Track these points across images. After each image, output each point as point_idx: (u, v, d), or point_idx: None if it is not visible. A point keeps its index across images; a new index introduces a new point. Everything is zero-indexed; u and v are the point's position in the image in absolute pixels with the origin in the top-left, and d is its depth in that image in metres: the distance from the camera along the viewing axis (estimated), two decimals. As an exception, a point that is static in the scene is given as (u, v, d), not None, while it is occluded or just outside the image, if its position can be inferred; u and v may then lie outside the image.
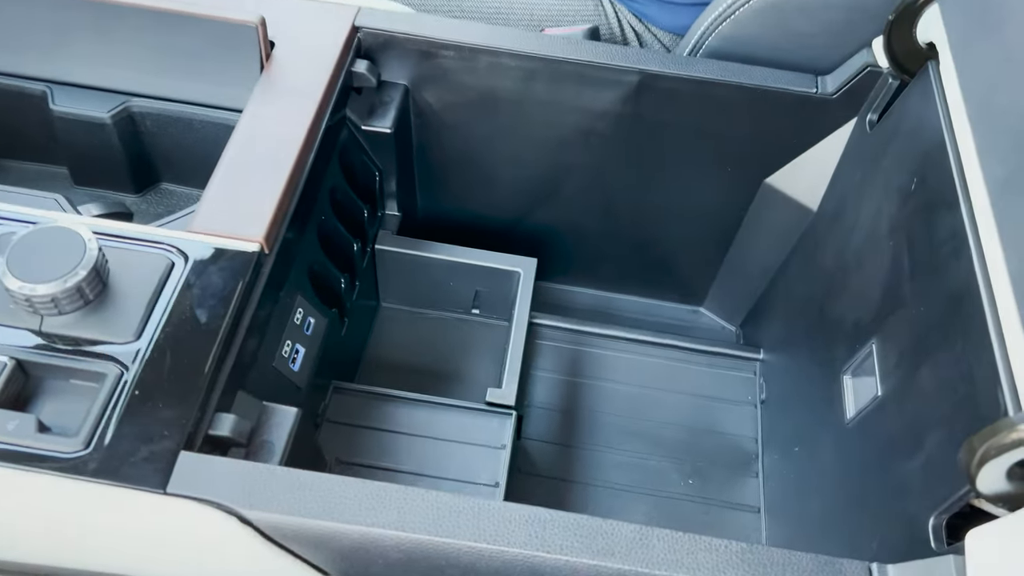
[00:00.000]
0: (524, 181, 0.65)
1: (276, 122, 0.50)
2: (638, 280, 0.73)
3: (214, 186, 0.47)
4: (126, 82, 0.56)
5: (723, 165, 0.62)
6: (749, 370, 0.67)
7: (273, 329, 0.47)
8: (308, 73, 0.53)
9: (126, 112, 0.56)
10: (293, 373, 0.48)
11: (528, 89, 0.59)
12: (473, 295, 0.65)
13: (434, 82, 0.59)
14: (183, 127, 0.57)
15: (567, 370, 0.66)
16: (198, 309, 0.42)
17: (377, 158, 0.60)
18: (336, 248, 0.55)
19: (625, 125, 0.60)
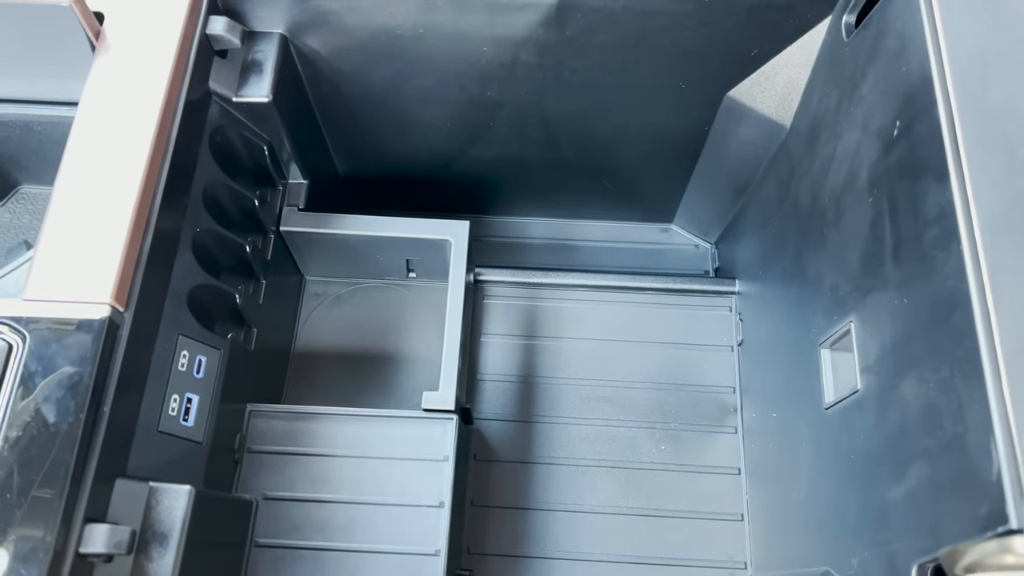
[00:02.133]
0: (447, 123, 0.56)
1: (118, 118, 0.41)
2: (598, 203, 0.65)
3: (47, 231, 0.39)
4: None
5: (675, 81, 0.52)
6: (724, 306, 0.60)
7: (152, 390, 0.40)
8: (150, 45, 0.43)
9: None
10: (188, 429, 0.42)
11: (428, 23, 0.48)
12: (405, 263, 0.57)
13: (315, 28, 0.49)
14: (21, 130, 0.47)
15: (521, 331, 0.59)
16: (46, 404, 0.36)
17: (262, 129, 0.50)
18: (223, 259, 0.47)
19: (553, 51, 0.50)
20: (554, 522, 0.53)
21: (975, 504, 0.29)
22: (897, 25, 0.39)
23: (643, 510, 0.53)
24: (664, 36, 0.48)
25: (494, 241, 0.64)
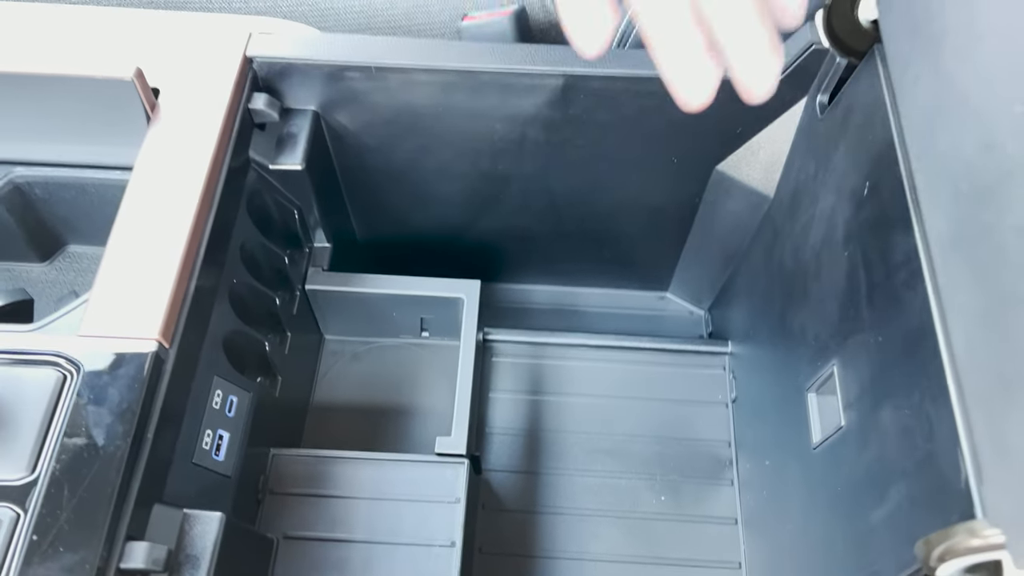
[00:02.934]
0: (461, 194, 0.61)
1: (168, 181, 0.46)
2: (599, 272, 0.70)
3: (102, 277, 0.43)
4: (6, 151, 0.51)
5: (669, 156, 0.57)
6: (718, 366, 0.64)
7: (189, 424, 0.44)
8: (199, 118, 0.48)
9: (10, 184, 0.51)
10: (218, 463, 0.45)
11: (448, 102, 0.54)
12: (419, 321, 0.61)
13: (345, 105, 0.54)
14: (76, 192, 0.52)
15: (528, 388, 0.63)
16: (96, 428, 0.39)
17: (293, 195, 0.55)
18: (255, 309, 0.51)
19: (558, 128, 0.55)
20: (560, 570, 0.55)
21: (948, 512, 0.32)
22: (863, 100, 0.45)
23: (644, 558, 0.55)
24: (658, 115, 0.54)
25: (502, 306, 0.68)
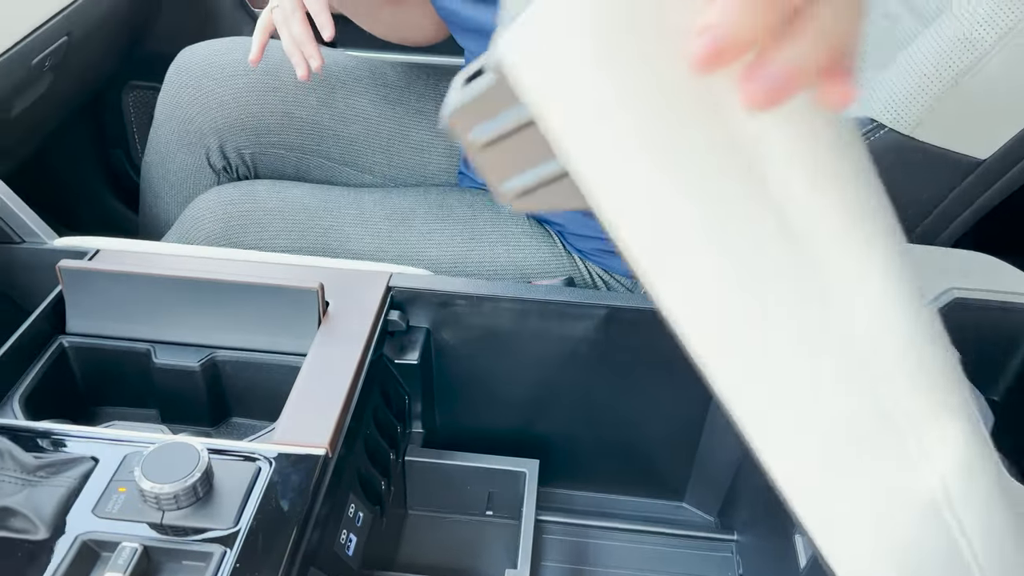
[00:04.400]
0: (523, 398, 0.80)
1: (333, 361, 0.66)
2: (627, 481, 0.86)
3: (289, 408, 0.61)
4: (213, 338, 0.73)
5: (678, 377, 0.77)
6: (727, 550, 0.78)
7: (333, 519, 0.59)
8: (356, 324, 0.70)
9: (212, 361, 0.72)
10: (348, 558, 0.60)
11: (523, 325, 0.76)
12: (487, 497, 0.77)
13: (449, 324, 0.76)
14: (255, 370, 0.72)
15: (572, 561, 0.76)
16: (280, 502, 0.55)
17: (406, 385, 0.75)
18: (378, 457, 0.68)
19: (600, 348, 0.76)
20: None
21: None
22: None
23: None
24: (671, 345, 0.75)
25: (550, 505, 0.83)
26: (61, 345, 0.72)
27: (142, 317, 0.72)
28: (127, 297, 0.72)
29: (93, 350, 0.72)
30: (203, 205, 0.91)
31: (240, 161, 0.97)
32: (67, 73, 1.11)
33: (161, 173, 1.00)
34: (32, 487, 0.55)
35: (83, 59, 1.16)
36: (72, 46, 1.06)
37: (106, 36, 1.24)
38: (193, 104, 0.95)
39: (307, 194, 0.93)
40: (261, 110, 0.95)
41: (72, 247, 0.80)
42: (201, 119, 0.95)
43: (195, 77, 0.96)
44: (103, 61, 1.33)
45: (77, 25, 1.05)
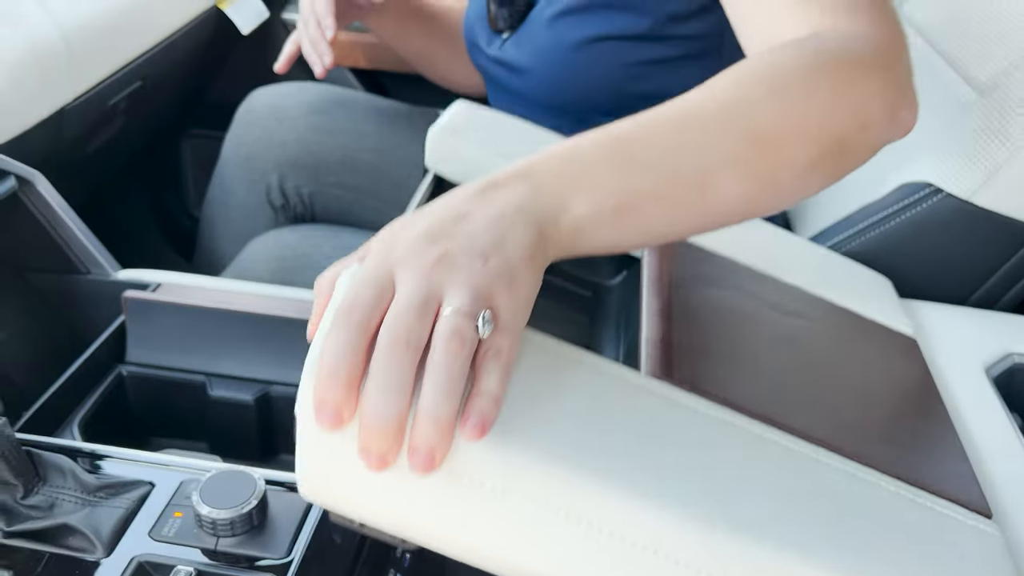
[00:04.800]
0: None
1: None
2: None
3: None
4: (267, 373, 0.74)
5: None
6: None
7: (381, 556, 0.59)
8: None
9: (266, 396, 0.73)
10: (391, 597, 0.60)
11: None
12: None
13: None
14: (307, 406, 0.73)
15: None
16: (332, 535, 0.55)
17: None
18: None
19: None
20: None
21: None
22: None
23: None
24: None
25: None
26: (120, 374, 0.74)
27: (200, 349, 0.74)
28: (186, 329, 0.74)
29: (150, 380, 0.74)
30: (260, 246, 0.94)
31: (298, 199, 1.01)
32: (137, 116, 1.15)
33: (222, 209, 1.04)
34: (92, 507, 0.55)
35: (152, 104, 1.21)
36: (145, 91, 1.11)
37: (175, 83, 1.29)
38: (258, 142, 0.99)
39: (361, 239, 0.94)
40: (321, 150, 0.98)
41: (135, 279, 0.82)
42: (264, 157, 0.99)
43: (261, 117, 1.00)
44: (169, 107, 1.39)
45: (151, 71, 1.10)
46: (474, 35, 0.90)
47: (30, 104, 0.86)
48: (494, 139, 0.64)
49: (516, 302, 0.37)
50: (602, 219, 0.41)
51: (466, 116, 0.68)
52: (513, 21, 0.83)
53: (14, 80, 0.82)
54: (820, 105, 0.47)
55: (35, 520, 0.55)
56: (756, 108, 0.46)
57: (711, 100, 0.46)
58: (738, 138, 0.45)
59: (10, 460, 0.56)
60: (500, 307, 0.37)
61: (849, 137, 0.49)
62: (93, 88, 0.96)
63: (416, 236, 0.37)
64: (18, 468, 0.56)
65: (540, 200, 0.40)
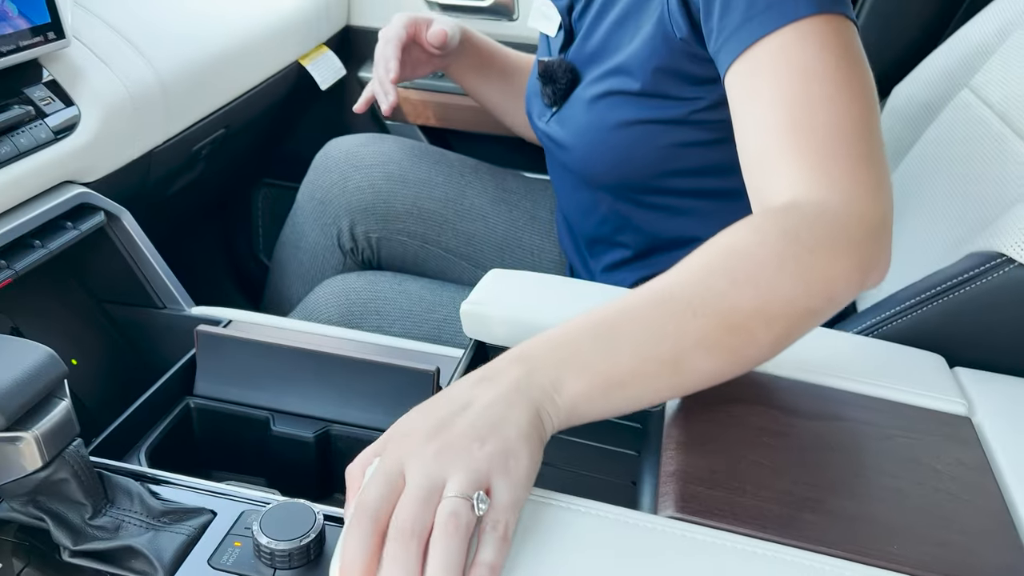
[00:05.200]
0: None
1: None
2: None
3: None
4: (329, 412, 0.75)
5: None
6: None
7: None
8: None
9: (326, 434, 0.74)
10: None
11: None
12: None
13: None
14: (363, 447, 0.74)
15: None
16: (386, 573, 0.56)
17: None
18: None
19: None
20: None
21: None
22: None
23: None
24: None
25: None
26: (188, 405, 0.76)
27: (265, 385, 0.76)
28: (253, 365, 0.76)
29: (216, 412, 0.76)
30: (328, 289, 0.96)
31: (367, 244, 1.04)
32: (217, 163, 1.21)
33: (293, 252, 1.08)
34: (155, 531, 0.57)
35: (232, 151, 1.27)
36: (227, 139, 1.16)
37: (254, 133, 1.35)
38: (333, 187, 1.03)
39: (424, 288, 0.97)
40: (392, 198, 1.02)
41: (208, 316, 0.85)
42: (338, 202, 1.03)
43: (338, 163, 1.04)
44: (247, 156, 1.45)
45: (234, 120, 1.15)
46: (531, 106, 0.93)
47: (124, 145, 0.91)
48: (525, 303, 0.69)
49: (514, 478, 0.43)
50: (593, 396, 0.49)
51: (496, 287, 0.71)
52: (557, 98, 0.86)
53: (112, 122, 0.87)
54: (788, 291, 0.52)
55: (101, 541, 0.57)
56: (727, 296, 0.51)
57: (686, 285, 0.52)
58: (709, 323, 0.51)
59: (82, 480, 0.58)
60: (496, 486, 0.43)
61: (816, 311, 0.55)
62: (181, 133, 1.02)
63: (423, 432, 0.45)
64: (89, 488, 0.58)
65: (536, 382, 0.47)
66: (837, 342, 0.70)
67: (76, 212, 0.82)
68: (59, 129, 0.81)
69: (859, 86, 0.61)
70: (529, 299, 0.70)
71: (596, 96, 0.81)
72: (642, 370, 0.50)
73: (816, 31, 0.62)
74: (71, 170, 0.83)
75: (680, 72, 0.75)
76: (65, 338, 0.85)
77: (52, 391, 0.57)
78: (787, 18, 0.62)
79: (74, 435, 0.58)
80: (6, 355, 0.56)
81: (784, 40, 0.62)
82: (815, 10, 0.62)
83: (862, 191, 0.58)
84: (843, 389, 0.63)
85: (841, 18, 0.63)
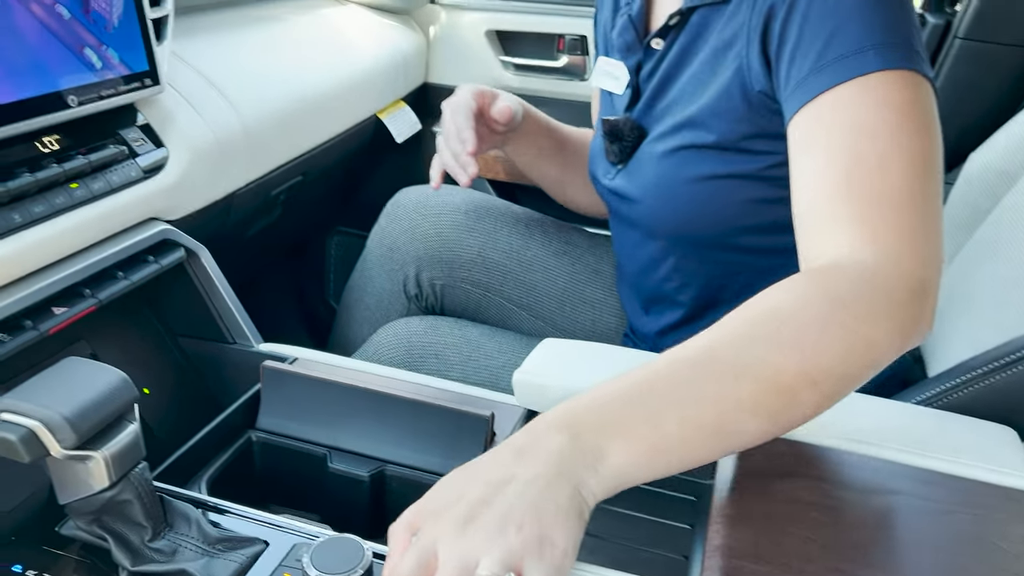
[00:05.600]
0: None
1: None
2: None
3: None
4: (384, 451, 0.76)
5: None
6: None
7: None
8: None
9: (381, 474, 0.75)
10: None
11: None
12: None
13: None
14: (418, 489, 0.74)
15: None
16: None
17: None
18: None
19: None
20: None
21: None
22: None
23: None
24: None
25: None
26: (249, 438, 0.78)
27: (324, 422, 0.77)
28: (314, 402, 0.78)
29: (276, 447, 0.78)
30: (391, 332, 0.98)
31: (431, 291, 1.06)
32: (294, 209, 1.26)
33: (360, 296, 1.10)
34: (210, 557, 0.58)
35: (308, 198, 1.32)
36: (304, 185, 1.21)
37: (330, 181, 1.40)
38: (402, 235, 1.06)
39: (484, 335, 0.98)
40: (458, 247, 1.04)
41: (275, 352, 0.88)
42: (406, 248, 1.06)
43: (408, 212, 1.07)
44: (322, 203, 1.50)
45: (312, 168, 1.20)
46: (595, 166, 0.94)
47: (207, 186, 0.96)
48: (576, 373, 0.69)
49: (547, 562, 0.43)
50: (638, 462, 0.48)
51: (549, 356, 0.72)
52: (623, 156, 0.87)
53: (198, 164, 0.92)
54: (831, 355, 0.52)
55: (158, 563, 0.58)
56: (770, 358, 0.51)
57: (729, 347, 0.52)
58: (753, 387, 0.50)
59: (145, 503, 0.60)
60: (528, 568, 0.43)
61: (858, 375, 0.54)
62: (261, 178, 1.06)
63: (460, 515, 0.45)
64: (150, 511, 0.60)
65: (579, 450, 0.47)
66: (895, 412, 0.68)
67: (158, 247, 0.87)
68: (149, 168, 0.86)
69: (918, 147, 0.61)
70: (582, 369, 0.70)
71: (668, 150, 0.81)
72: (686, 436, 0.49)
73: (881, 87, 0.62)
74: (157, 207, 0.88)
75: (757, 126, 0.75)
76: (139, 366, 0.88)
77: (123, 414, 0.59)
78: (853, 72, 0.62)
79: (140, 458, 0.60)
80: (82, 377, 0.58)
81: (847, 94, 0.63)
82: (883, 66, 0.62)
83: (907, 253, 0.57)
84: (900, 462, 0.61)
85: (912, 75, 0.63)
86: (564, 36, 1.53)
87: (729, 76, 0.75)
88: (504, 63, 1.60)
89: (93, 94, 0.80)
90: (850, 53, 0.63)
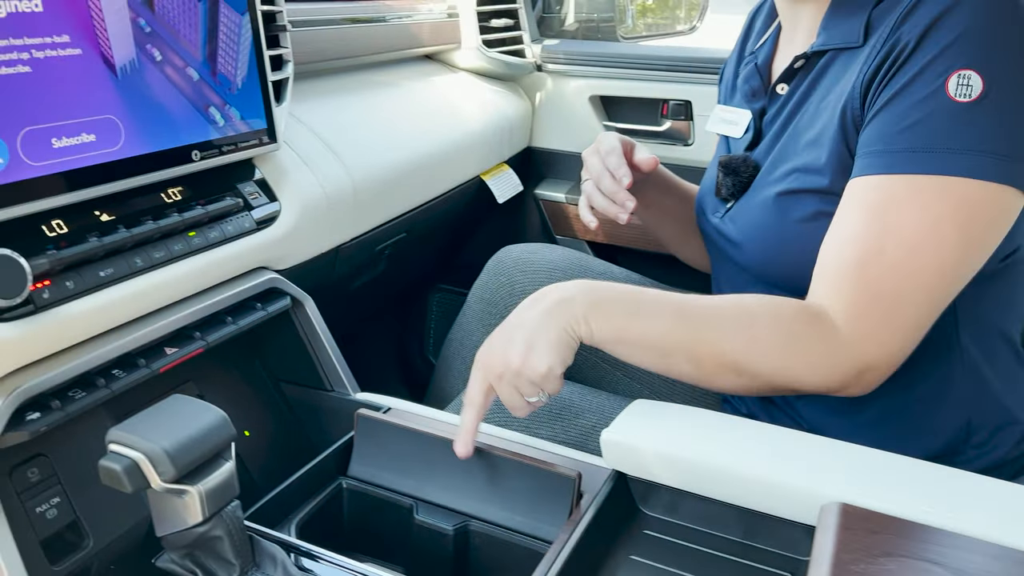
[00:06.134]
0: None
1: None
2: None
3: None
4: (469, 506, 0.75)
5: None
6: None
7: None
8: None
9: (465, 529, 0.74)
10: None
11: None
12: None
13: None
14: (501, 548, 0.73)
15: None
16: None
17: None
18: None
19: None
20: None
21: None
22: None
23: None
24: None
25: None
26: (340, 485, 0.79)
27: (413, 472, 0.77)
28: (404, 452, 0.78)
29: (365, 496, 0.78)
30: (483, 387, 0.99)
31: (527, 347, 1.06)
32: (397, 264, 1.29)
33: (458, 349, 1.11)
34: (292, 598, 0.59)
35: (411, 255, 1.35)
36: (408, 242, 1.25)
37: (433, 239, 1.44)
38: (501, 289, 1.07)
39: (576, 393, 0.97)
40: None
41: (369, 401, 0.90)
42: (505, 303, 1.07)
43: (508, 268, 1.08)
44: (424, 260, 1.54)
45: (416, 225, 1.24)
46: (703, 203, 0.93)
47: (316, 239, 1.00)
48: (666, 435, 0.70)
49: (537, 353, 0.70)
50: (604, 340, 0.71)
51: (639, 418, 0.73)
52: (736, 191, 0.86)
53: (309, 217, 0.97)
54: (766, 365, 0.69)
55: (243, 601, 0.59)
56: (725, 339, 0.70)
57: (709, 313, 0.71)
58: (702, 348, 0.70)
59: (235, 540, 0.61)
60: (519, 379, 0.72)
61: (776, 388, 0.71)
62: (367, 233, 1.10)
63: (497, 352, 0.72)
64: (240, 549, 0.61)
65: (569, 312, 0.70)
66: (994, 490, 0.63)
67: (266, 295, 0.91)
68: (261, 220, 0.90)
69: (950, 260, 0.67)
70: (673, 432, 0.69)
71: (779, 193, 0.80)
72: (643, 343, 0.70)
73: (928, 191, 0.66)
74: (266, 257, 0.92)
75: None
76: (242, 408, 0.92)
77: (220, 451, 0.61)
78: (905, 170, 0.66)
79: (234, 496, 0.62)
80: (186, 414, 0.61)
81: (895, 188, 0.68)
82: (937, 171, 0.65)
83: (874, 343, 0.68)
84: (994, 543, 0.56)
85: (969, 184, 0.64)
86: (668, 101, 1.54)
87: (837, 120, 0.74)
88: (607, 128, 1.62)
89: (215, 149, 0.85)
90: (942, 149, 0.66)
